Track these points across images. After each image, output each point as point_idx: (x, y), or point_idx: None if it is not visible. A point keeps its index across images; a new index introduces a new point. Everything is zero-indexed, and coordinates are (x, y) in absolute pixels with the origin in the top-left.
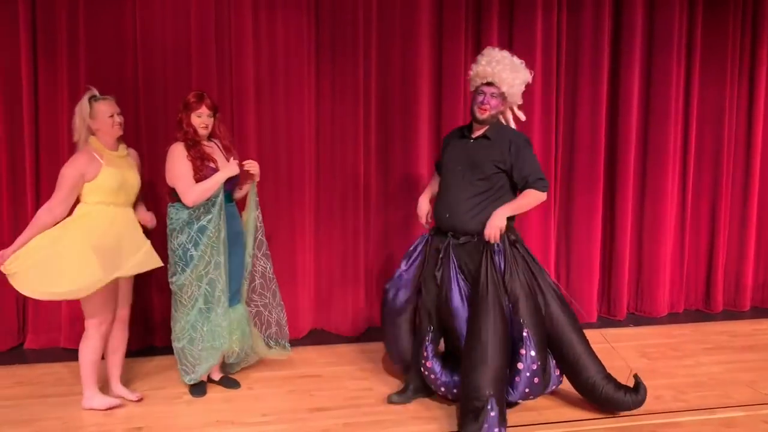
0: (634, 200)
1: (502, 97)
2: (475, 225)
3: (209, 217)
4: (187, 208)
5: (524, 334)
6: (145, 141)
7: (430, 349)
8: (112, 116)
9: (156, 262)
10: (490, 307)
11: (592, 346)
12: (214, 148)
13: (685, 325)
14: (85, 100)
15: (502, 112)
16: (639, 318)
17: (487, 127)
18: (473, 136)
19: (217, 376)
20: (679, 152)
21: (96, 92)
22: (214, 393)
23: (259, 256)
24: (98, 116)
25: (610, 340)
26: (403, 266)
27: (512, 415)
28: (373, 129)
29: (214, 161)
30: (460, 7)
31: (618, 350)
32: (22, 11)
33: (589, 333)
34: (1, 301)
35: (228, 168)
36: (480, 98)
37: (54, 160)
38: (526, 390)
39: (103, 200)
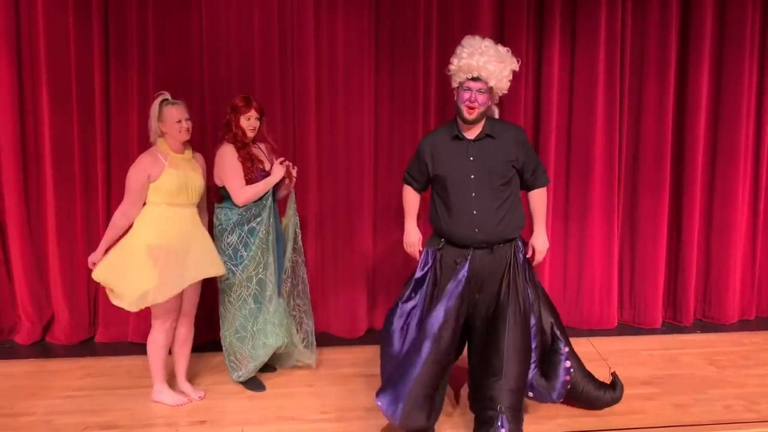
0: (702, 202)
1: (490, 91)
2: (510, 232)
3: (259, 219)
4: (237, 208)
5: (557, 332)
6: (210, 142)
7: None
8: (179, 121)
9: (218, 269)
10: (511, 316)
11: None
12: (259, 151)
13: (756, 333)
14: (156, 103)
15: (490, 106)
16: (707, 324)
17: (483, 125)
18: (472, 137)
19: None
20: (750, 153)
21: (168, 96)
22: (275, 389)
23: (300, 262)
24: (166, 120)
25: (676, 346)
26: (412, 300)
27: (575, 421)
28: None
29: (262, 163)
30: (521, 7)
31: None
32: (95, 18)
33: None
34: (73, 296)
35: (277, 171)
36: (466, 96)
37: (124, 161)
38: (563, 391)
39: (164, 200)
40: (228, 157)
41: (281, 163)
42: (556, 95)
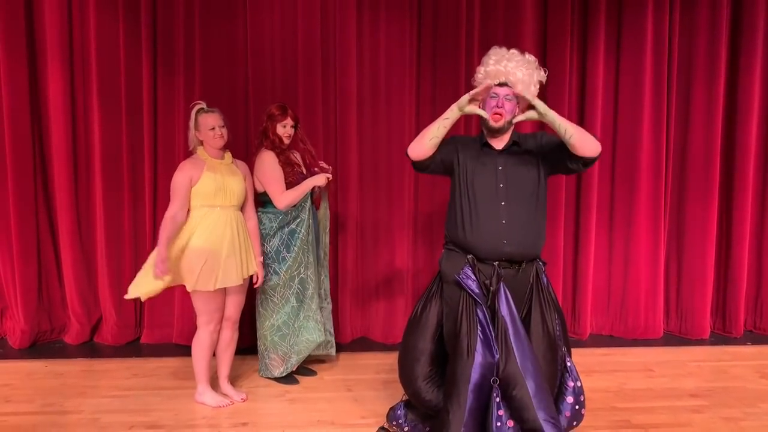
0: (753, 209)
1: (517, 99)
2: (537, 248)
3: (298, 220)
4: (278, 213)
5: (568, 364)
6: (254, 149)
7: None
8: (213, 128)
9: (240, 279)
10: (536, 345)
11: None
12: (294, 158)
13: None
14: (192, 113)
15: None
16: (758, 336)
17: (509, 134)
18: (499, 148)
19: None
20: None
21: (203, 105)
22: (315, 393)
23: (325, 266)
24: (201, 128)
25: (726, 358)
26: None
27: None
28: None
29: (300, 166)
30: (565, 10)
31: (733, 370)
32: (144, 28)
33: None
34: (120, 298)
35: (316, 178)
36: (493, 102)
37: (170, 167)
38: (575, 423)
39: (203, 203)
40: (268, 163)
41: (326, 171)
42: (601, 100)
